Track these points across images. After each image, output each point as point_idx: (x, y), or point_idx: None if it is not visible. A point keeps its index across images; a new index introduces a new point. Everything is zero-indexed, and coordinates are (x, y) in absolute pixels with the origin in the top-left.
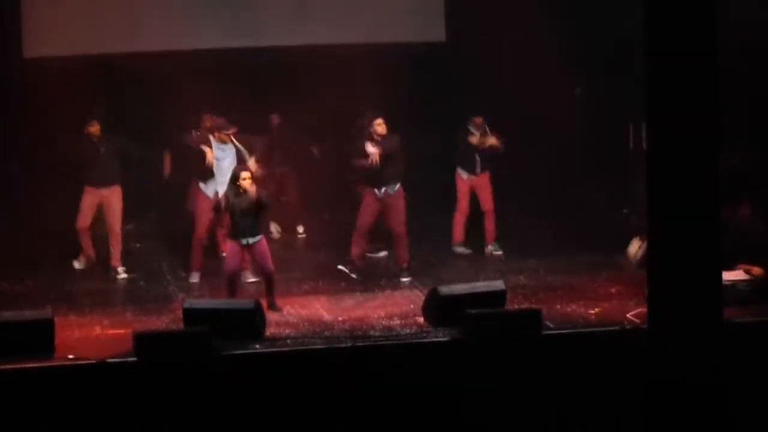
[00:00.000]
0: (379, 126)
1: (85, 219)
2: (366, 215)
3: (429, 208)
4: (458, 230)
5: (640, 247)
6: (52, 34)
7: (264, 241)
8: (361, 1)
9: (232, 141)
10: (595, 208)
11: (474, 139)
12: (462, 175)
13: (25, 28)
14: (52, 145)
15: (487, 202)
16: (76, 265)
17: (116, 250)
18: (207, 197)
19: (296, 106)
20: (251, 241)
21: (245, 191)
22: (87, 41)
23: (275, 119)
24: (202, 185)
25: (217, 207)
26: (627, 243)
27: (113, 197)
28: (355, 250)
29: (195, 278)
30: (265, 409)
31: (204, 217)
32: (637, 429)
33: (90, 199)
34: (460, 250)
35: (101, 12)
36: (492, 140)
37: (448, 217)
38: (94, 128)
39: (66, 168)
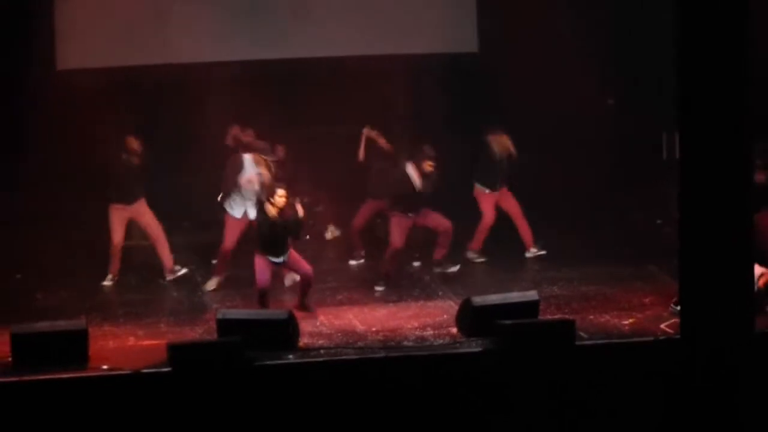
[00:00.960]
0: (429, 166)
1: (116, 235)
2: (402, 237)
3: (464, 217)
4: (478, 238)
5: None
6: (85, 46)
7: (293, 252)
8: (394, 13)
9: (267, 166)
10: (629, 218)
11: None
12: (483, 189)
13: (58, 40)
14: (84, 157)
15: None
16: (106, 282)
17: (166, 256)
18: (234, 216)
19: (328, 118)
20: (282, 259)
21: (279, 209)
22: (119, 53)
23: (280, 151)
24: (229, 204)
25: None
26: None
27: (140, 211)
28: (390, 267)
29: (212, 285)
30: (298, 420)
31: (231, 232)
32: None
33: (118, 216)
34: (472, 256)
35: (133, 25)
36: None
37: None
38: (135, 144)
39: (97, 178)
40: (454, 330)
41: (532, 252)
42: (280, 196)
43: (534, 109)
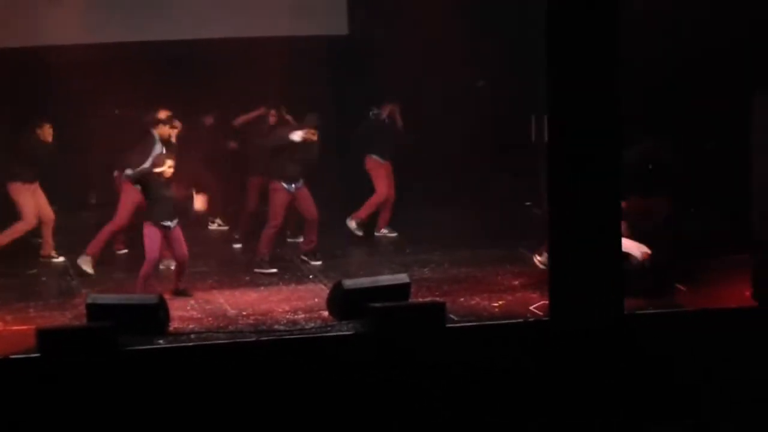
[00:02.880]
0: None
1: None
2: (282, 211)
3: (332, 200)
4: (366, 211)
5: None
6: None
7: (179, 227)
8: None
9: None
10: (499, 201)
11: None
12: (378, 160)
13: None
14: None
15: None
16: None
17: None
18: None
19: (199, 101)
20: (173, 223)
21: (167, 178)
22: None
23: (209, 120)
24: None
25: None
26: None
27: (38, 190)
28: (268, 247)
29: (88, 266)
30: (168, 405)
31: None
32: (542, 420)
33: (31, 195)
34: (353, 226)
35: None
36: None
37: (351, 210)
38: (47, 130)
39: None
40: (326, 313)
41: (383, 233)
42: (170, 166)
43: (404, 90)
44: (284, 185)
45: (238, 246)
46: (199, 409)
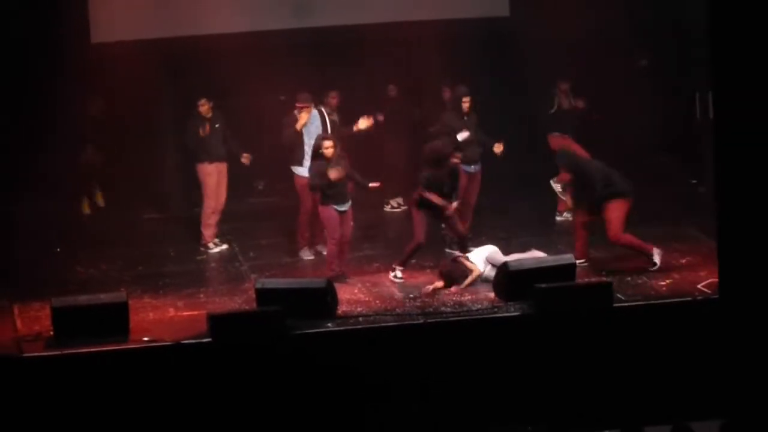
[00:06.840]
0: (465, 103)
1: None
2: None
3: (497, 185)
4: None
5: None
6: (119, 19)
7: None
8: None
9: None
10: (664, 179)
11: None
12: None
13: (92, 14)
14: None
15: None
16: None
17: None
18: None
19: (361, 85)
20: (346, 207)
21: (330, 160)
22: (154, 25)
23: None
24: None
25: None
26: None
27: (225, 172)
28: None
29: (307, 254)
30: (338, 387)
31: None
32: (709, 399)
33: (216, 176)
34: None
35: None
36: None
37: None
38: (205, 107)
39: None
40: (492, 295)
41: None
42: (327, 147)
43: (566, 71)
44: (464, 167)
45: None
46: (368, 391)
